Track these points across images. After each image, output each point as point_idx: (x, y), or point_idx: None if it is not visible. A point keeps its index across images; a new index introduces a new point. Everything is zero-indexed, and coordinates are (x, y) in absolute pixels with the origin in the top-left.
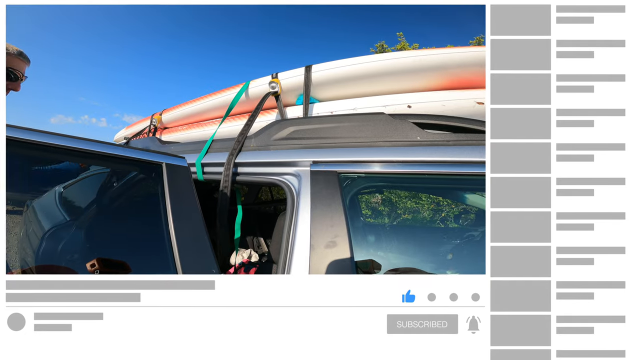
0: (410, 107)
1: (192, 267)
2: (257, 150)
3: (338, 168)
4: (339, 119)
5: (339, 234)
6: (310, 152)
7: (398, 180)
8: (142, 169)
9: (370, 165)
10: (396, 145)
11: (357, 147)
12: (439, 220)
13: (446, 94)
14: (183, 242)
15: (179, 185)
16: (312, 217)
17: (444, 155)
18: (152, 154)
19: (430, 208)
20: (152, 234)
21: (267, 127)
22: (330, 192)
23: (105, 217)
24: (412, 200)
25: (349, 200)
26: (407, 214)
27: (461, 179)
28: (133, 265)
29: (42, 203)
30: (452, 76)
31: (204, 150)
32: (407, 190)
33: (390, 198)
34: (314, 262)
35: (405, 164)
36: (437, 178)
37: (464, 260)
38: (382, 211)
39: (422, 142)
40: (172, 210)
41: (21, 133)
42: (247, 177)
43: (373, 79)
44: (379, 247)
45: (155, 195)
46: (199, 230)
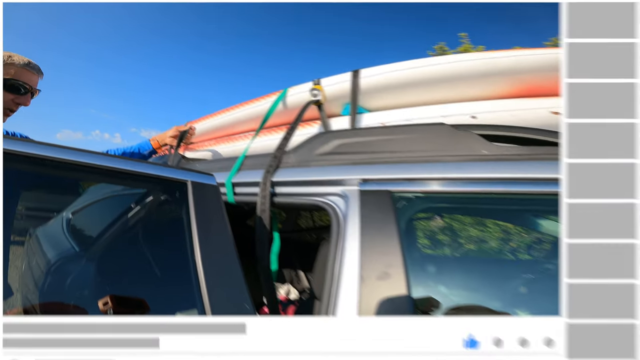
0: (474, 118)
1: (222, 304)
2: (297, 168)
3: (391, 187)
4: (392, 131)
5: (393, 263)
6: (359, 168)
7: (460, 200)
8: (163, 188)
9: (429, 184)
10: (459, 160)
11: (413, 163)
12: (508, 251)
13: (516, 103)
14: (211, 275)
15: (207, 207)
16: (362, 244)
17: (515, 171)
18: (175, 171)
19: (498, 236)
20: (175, 265)
21: (309, 140)
22: (382, 215)
23: (119, 247)
24: (477, 228)
25: (404, 224)
26: (471, 243)
27: (534, 200)
28: (152, 303)
29: (47, 231)
30: (523, 82)
31: (235, 168)
32: (470, 212)
33: (451, 224)
34: (364, 297)
35: (470, 181)
36: (506, 198)
37: (537, 298)
38: (442, 239)
39: (489, 156)
40: (199, 237)
41: (19, 146)
42: (285, 199)
43: (431, 86)
44: (438, 280)
45: (178, 219)
46: (231, 261)
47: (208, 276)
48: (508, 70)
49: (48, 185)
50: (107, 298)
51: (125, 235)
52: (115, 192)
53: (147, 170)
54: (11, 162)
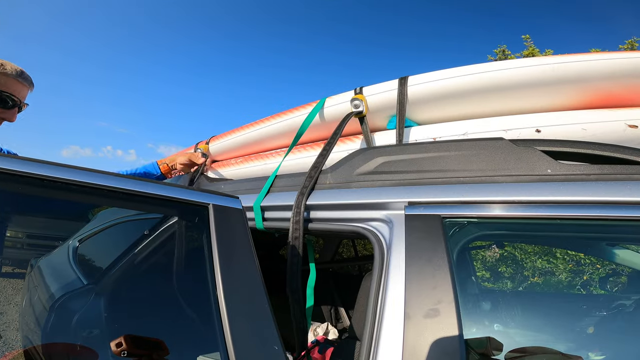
0: (539, 132)
1: (248, 346)
2: (335, 189)
3: (442, 211)
4: (444, 147)
5: (443, 299)
6: (406, 190)
7: (521, 226)
8: (181, 213)
9: (485, 207)
10: (519, 181)
11: (468, 184)
12: (579, 285)
13: (587, 115)
14: (235, 312)
15: (231, 234)
16: (408, 277)
17: (585, 193)
18: (195, 193)
19: (567, 268)
20: (195, 301)
21: (348, 157)
22: (431, 243)
23: (133, 279)
24: (544, 259)
25: (456, 254)
26: (536, 276)
27: (609, 227)
28: (170, 344)
29: (51, 262)
30: (596, 91)
31: (265, 189)
32: (533, 240)
33: (512, 254)
34: (410, 337)
35: (531, 205)
36: (574, 224)
37: (612, 338)
38: (502, 270)
39: (553, 176)
40: (221, 268)
41: (14, 164)
42: (321, 225)
43: (490, 95)
44: (496, 318)
45: (199, 248)
46: (258, 296)
47: (231, 313)
48: (579, 77)
49: (52, 210)
50: (121, 339)
51: (140, 266)
52: (128, 217)
53: (163, 192)
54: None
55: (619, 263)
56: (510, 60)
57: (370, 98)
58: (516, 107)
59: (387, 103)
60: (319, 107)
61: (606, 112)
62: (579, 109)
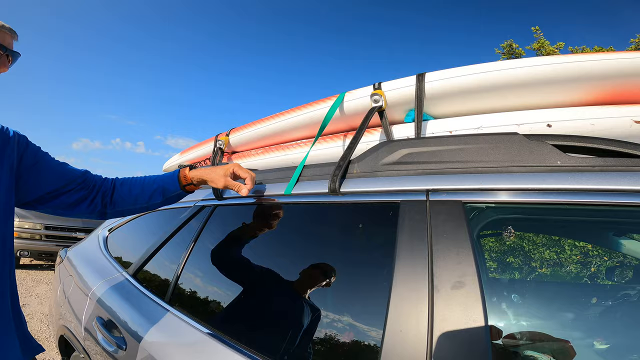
0: (550, 127)
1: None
2: (363, 177)
3: (463, 197)
4: (463, 140)
5: (467, 272)
6: (429, 178)
7: (533, 211)
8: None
9: (501, 194)
10: (531, 171)
11: (486, 174)
12: (586, 276)
13: (596, 111)
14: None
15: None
16: (435, 254)
17: (590, 182)
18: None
19: (575, 260)
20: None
21: (374, 149)
22: (455, 225)
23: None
24: (552, 250)
25: (476, 234)
26: (544, 268)
27: (609, 212)
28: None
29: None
30: (605, 88)
31: (294, 178)
32: (542, 224)
33: (526, 236)
34: (440, 308)
35: (542, 192)
36: (580, 209)
37: (616, 329)
38: (516, 248)
39: (562, 167)
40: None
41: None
42: None
43: (504, 91)
44: (514, 288)
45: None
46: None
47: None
48: (591, 75)
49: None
50: None
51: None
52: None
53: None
54: None
55: (625, 252)
56: (520, 54)
57: (388, 93)
58: (529, 102)
59: (404, 98)
60: (339, 100)
61: (613, 108)
62: (587, 104)
